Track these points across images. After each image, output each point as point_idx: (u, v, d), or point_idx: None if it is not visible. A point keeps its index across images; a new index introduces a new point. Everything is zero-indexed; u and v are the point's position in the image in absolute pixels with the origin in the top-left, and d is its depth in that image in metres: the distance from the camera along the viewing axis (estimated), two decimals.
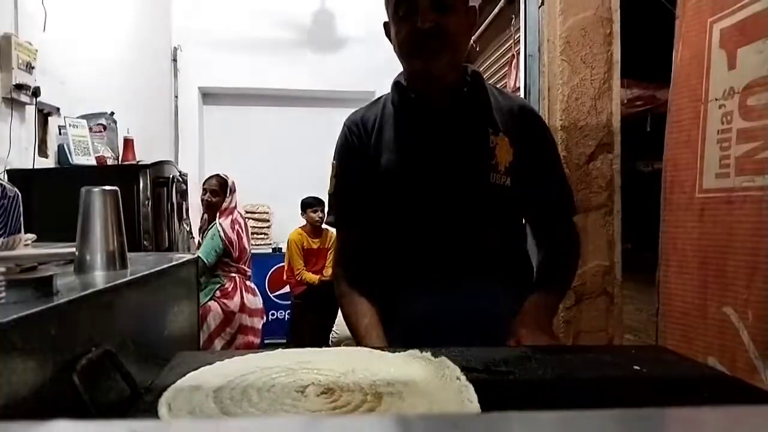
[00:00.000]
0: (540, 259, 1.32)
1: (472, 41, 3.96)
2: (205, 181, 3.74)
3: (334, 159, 1.34)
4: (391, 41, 1.25)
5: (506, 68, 3.46)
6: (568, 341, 2.35)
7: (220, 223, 3.57)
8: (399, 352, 0.87)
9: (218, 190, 3.65)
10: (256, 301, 3.69)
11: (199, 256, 3.68)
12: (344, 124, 1.34)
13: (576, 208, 1.39)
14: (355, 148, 1.30)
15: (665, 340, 1.79)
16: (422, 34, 1.15)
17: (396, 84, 1.31)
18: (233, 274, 3.60)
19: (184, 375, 0.78)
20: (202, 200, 3.70)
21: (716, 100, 1.68)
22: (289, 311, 5.01)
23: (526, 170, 1.25)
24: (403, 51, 1.21)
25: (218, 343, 3.42)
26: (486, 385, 0.70)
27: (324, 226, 3.64)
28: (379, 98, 1.36)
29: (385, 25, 1.27)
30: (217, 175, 3.70)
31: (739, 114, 1.59)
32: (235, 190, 3.72)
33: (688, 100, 1.80)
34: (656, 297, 1.86)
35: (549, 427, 0.33)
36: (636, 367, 0.86)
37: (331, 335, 3.65)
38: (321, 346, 0.91)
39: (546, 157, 1.30)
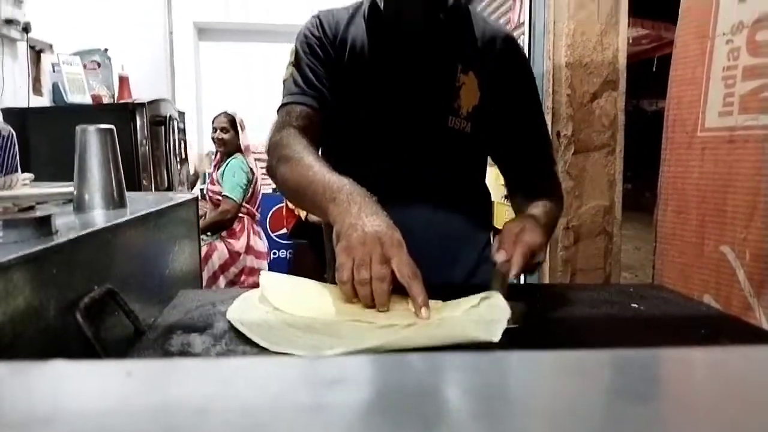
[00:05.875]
0: (519, 199, 1.17)
1: None
2: (214, 119, 3.68)
3: (295, 45, 1.17)
4: None
5: (510, 1, 3.35)
6: (566, 280, 2.38)
7: (244, 160, 3.52)
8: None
9: (227, 127, 3.58)
10: (262, 244, 3.70)
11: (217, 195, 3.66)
12: (315, 16, 1.18)
13: (554, 159, 1.26)
14: (322, 42, 1.14)
15: (662, 278, 1.81)
16: None
17: (372, 4, 1.15)
18: (242, 215, 3.57)
19: (187, 313, 0.78)
20: (213, 139, 3.63)
21: (724, 35, 1.63)
22: (290, 250, 5.06)
23: (497, 114, 1.14)
24: None
25: (222, 281, 3.46)
26: None
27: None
28: (350, 6, 1.21)
29: None
30: (225, 113, 3.64)
31: (747, 50, 1.55)
32: (244, 128, 3.66)
33: (694, 36, 1.75)
34: (654, 236, 1.87)
35: (546, 366, 0.34)
36: (634, 305, 0.87)
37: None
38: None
39: (525, 100, 1.17)
